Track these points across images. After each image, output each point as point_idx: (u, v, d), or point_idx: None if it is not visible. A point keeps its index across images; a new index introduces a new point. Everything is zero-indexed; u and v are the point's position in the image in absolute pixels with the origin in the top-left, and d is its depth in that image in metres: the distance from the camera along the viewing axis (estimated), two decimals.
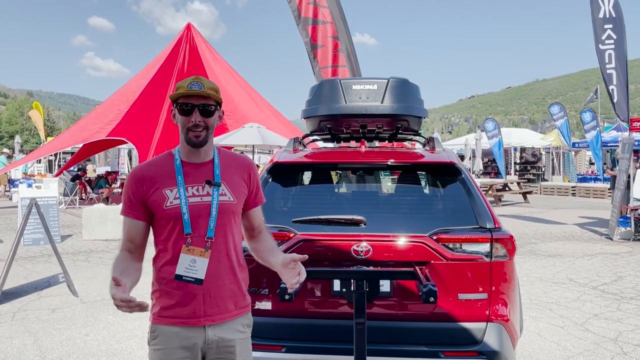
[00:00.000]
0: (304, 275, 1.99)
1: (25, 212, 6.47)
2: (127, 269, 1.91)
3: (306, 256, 1.99)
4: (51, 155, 18.77)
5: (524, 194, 19.03)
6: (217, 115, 2.00)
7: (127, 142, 17.20)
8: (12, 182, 20.70)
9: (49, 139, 26.85)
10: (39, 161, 23.96)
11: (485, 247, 2.85)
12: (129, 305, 1.64)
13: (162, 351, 1.94)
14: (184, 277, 1.91)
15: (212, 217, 1.96)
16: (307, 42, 10.86)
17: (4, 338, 4.67)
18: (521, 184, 20.56)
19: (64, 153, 26.49)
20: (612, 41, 10.67)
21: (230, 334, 2.00)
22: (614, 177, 12.53)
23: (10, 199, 18.42)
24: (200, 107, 1.93)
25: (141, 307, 1.65)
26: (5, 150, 22.80)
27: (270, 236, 2.24)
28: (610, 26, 10.64)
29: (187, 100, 1.93)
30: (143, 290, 2.75)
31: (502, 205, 17.71)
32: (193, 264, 1.90)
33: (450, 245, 2.86)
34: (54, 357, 4.23)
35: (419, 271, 2.55)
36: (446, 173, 3.30)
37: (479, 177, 23.18)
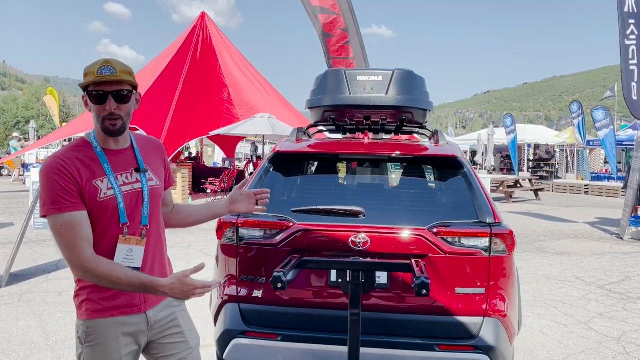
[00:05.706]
0: (266, 194, 2.34)
1: (35, 195, 6.55)
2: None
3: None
4: (65, 140, 18.97)
5: (536, 191, 18.84)
6: (133, 100, 1.89)
7: (138, 130, 17.31)
8: (25, 167, 20.97)
9: (64, 124, 27.10)
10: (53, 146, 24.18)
11: (484, 242, 2.83)
12: (207, 288, 1.79)
13: (103, 344, 1.86)
14: None
15: (145, 204, 1.93)
16: (319, 30, 10.90)
17: (10, 319, 4.75)
18: (533, 180, 20.35)
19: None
20: (634, 37, 10.41)
21: (168, 309, 2.02)
22: (627, 176, 12.33)
23: (24, 183, 18.66)
24: (114, 94, 1.80)
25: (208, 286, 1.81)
26: (15, 134, 23.03)
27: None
28: (633, 21, 10.38)
29: (99, 87, 1.79)
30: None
31: (513, 202, 17.56)
32: (130, 254, 1.86)
33: (449, 239, 2.83)
34: (57, 339, 4.30)
35: (414, 264, 2.54)
36: (448, 166, 3.27)
37: (490, 173, 23.03)
